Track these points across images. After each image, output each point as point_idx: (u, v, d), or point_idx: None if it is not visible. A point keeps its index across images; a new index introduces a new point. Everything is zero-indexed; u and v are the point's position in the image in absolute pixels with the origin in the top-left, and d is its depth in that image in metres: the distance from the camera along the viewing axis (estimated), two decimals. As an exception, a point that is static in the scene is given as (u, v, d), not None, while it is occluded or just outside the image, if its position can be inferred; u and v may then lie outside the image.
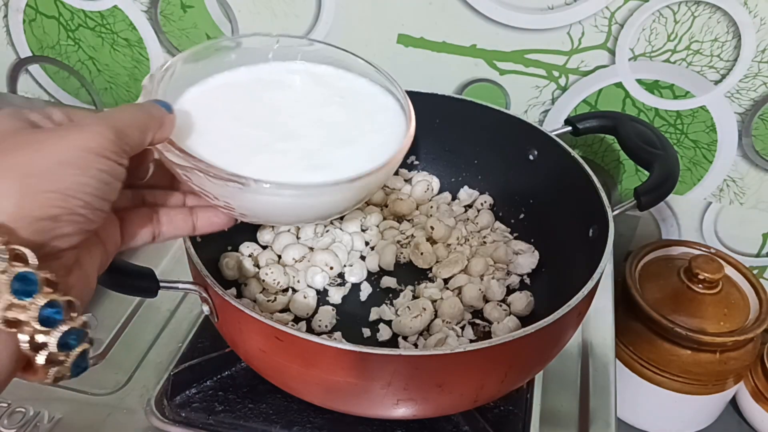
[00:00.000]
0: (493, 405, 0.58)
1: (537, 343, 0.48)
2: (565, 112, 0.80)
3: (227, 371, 0.60)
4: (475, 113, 0.68)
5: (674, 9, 0.70)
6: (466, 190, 0.73)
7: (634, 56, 0.74)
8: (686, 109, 0.77)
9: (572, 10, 0.72)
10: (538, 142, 0.66)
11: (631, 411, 0.86)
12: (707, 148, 0.79)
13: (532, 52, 0.76)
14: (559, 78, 0.77)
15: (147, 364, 0.62)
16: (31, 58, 0.93)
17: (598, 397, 0.61)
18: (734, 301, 0.82)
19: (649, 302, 0.80)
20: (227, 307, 0.47)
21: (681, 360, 0.80)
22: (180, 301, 0.68)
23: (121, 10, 0.85)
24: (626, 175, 0.83)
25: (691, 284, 0.81)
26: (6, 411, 0.57)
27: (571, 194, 0.61)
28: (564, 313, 0.47)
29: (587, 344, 0.66)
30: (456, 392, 0.49)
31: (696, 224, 0.86)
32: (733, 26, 0.70)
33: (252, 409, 0.57)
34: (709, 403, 0.85)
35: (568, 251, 0.63)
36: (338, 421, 0.56)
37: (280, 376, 0.51)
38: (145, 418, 0.57)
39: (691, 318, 0.79)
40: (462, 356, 0.44)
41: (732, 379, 0.83)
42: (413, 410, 0.49)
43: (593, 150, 0.83)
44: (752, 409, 0.88)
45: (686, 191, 0.82)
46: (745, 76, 0.73)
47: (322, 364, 0.45)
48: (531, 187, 0.68)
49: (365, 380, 0.46)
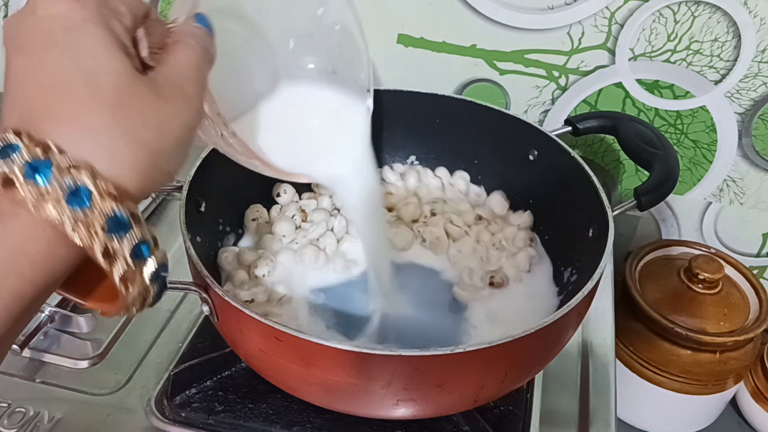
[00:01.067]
0: (493, 405, 0.58)
1: (537, 343, 0.48)
2: (565, 112, 0.80)
3: (227, 371, 0.60)
4: (475, 113, 0.68)
5: (674, 9, 0.70)
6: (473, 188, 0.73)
7: (634, 56, 0.74)
8: (686, 109, 0.77)
9: (572, 10, 0.72)
10: (538, 142, 0.66)
11: (631, 411, 0.86)
12: (707, 148, 0.79)
13: (532, 52, 0.76)
14: (559, 78, 0.77)
15: (147, 364, 0.62)
16: (31, 58, 0.93)
17: (598, 397, 0.61)
18: (734, 301, 0.82)
19: (649, 302, 0.80)
20: (227, 307, 0.47)
21: (681, 360, 0.80)
22: (180, 301, 0.68)
23: (121, 10, 0.85)
24: (626, 175, 0.83)
25: (691, 284, 0.81)
26: (6, 411, 0.57)
27: (571, 194, 0.61)
28: (564, 313, 0.47)
29: (587, 344, 0.66)
30: (456, 392, 0.49)
31: (696, 224, 0.86)
32: (733, 26, 0.70)
33: (252, 409, 0.57)
34: (709, 403, 0.85)
35: (568, 251, 0.63)
36: (338, 421, 0.56)
37: (280, 376, 0.51)
38: (145, 418, 0.57)
39: (691, 318, 0.79)
40: (462, 356, 0.44)
41: (732, 379, 0.83)
42: (413, 410, 0.49)
43: (593, 150, 0.83)
44: (752, 409, 0.88)
45: (686, 191, 0.82)
46: (745, 76, 0.73)
47: (321, 364, 0.45)
48: (531, 187, 0.68)
49: (365, 380, 0.46)
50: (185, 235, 0.52)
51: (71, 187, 0.28)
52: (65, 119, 0.29)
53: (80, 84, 0.30)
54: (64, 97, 0.30)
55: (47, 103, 0.30)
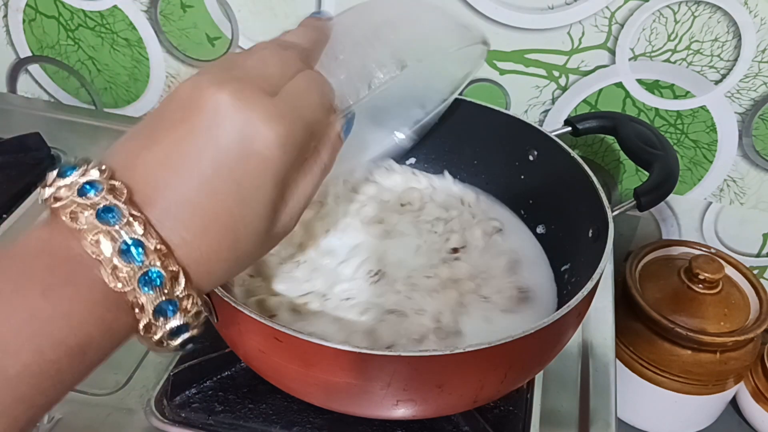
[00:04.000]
0: (493, 405, 0.58)
1: (537, 343, 0.48)
2: (565, 112, 0.80)
3: (227, 371, 0.60)
4: (475, 113, 0.68)
5: (674, 9, 0.70)
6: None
7: (635, 56, 0.74)
8: (686, 109, 0.77)
9: (572, 9, 0.72)
10: (538, 143, 0.66)
11: (631, 411, 0.86)
12: (707, 148, 0.79)
13: (532, 52, 0.76)
14: (559, 78, 0.77)
15: (147, 364, 0.62)
16: (30, 58, 0.93)
17: (598, 397, 0.61)
18: (734, 301, 0.81)
19: (649, 302, 0.80)
20: (226, 307, 0.47)
21: (681, 360, 0.80)
22: (180, 301, 0.68)
23: (120, 9, 0.85)
24: (626, 175, 0.83)
25: (691, 284, 0.81)
26: (6, 411, 0.57)
27: (571, 194, 0.61)
28: (564, 314, 0.47)
29: (587, 344, 0.66)
30: (456, 393, 0.49)
31: (696, 224, 0.86)
32: (733, 26, 0.70)
33: (252, 410, 0.57)
34: (709, 404, 0.85)
35: (568, 251, 0.63)
36: (338, 421, 0.56)
37: (280, 377, 0.51)
38: (144, 419, 0.57)
39: (692, 318, 0.79)
40: (461, 357, 0.44)
41: (732, 379, 0.83)
42: (413, 411, 0.49)
43: (593, 150, 0.83)
44: (752, 410, 0.88)
45: (686, 191, 0.82)
46: (746, 76, 0.73)
47: (321, 364, 0.45)
48: (531, 188, 0.68)
49: (365, 381, 0.46)
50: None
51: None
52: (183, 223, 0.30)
53: (221, 210, 0.30)
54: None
55: (185, 197, 0.30)
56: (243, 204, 0.31)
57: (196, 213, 0.30)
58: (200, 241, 0.30)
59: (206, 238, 0.30)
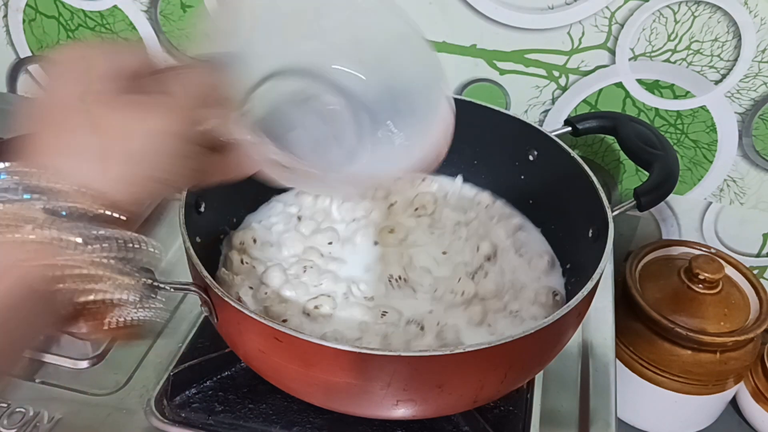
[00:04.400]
0: (493, 405, 0.58)
1: (537, 343, 0.48)
2: (565, 112, 0.80)
3: (227, 371, 0.60)
4: (475, 113, 0.68)
5: (674, 9, 0.70)
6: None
7: (635, 56, 0.74)
8: (686, 109, 0.77)
9: (572, 9, 0.72)
10: (538, 143, 0.66)
11: (631, 411, 0.86)
12: (707, 148, 0.79)
13: (532, 52, 0.76)
14: (559, 78, 0.77)
15: (147, 365, 0.62)
16: (30, 57, 0.93)
17: (598, 397, 0.61)
18: (734, 301, 0.81)
19: (649, 302, 0.80)
20: (226, 308, 0.47)
21: (681, 360, 0.80)
22: (180, 301, 0.68)
23: (120, 9, 0.85)
24: (626, 175, 0.83)
25: (691, 284, 0.81)
26: (6, 411, 0.57)
27: (571, 194, 0.61)
28: (564, 313, 0.47)
29: (587, 344, 0.66)
30: (456, 393, 0.49)
31: (696, 224, 0.86)
32: (733, 26, 0.70)
33: (252, 410, 0.57)
34: (709, 404, 0.85)
35: (568, 251, 0.63)
36: (338, 421, 0.56)
37: (280, 377, 0.51)
38: (144, 419, 0.57)
39: (692, 318, 0.79)
40: (461, 357, 0.44)
41: (732, 379, 0.83)
42: (413, 411, 0.49)
43: (593, 150, 0.83)
44: (752, 409, 0.87)
45: (686, 191, 0.82)
46: (746, 75, 0.73)
47: (321, 364, 0.45)
48: (531, 188, 0.68)
49: (365, 381, 0.46)
50: (185, 235, 0.52)
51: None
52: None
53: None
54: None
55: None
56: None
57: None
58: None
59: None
